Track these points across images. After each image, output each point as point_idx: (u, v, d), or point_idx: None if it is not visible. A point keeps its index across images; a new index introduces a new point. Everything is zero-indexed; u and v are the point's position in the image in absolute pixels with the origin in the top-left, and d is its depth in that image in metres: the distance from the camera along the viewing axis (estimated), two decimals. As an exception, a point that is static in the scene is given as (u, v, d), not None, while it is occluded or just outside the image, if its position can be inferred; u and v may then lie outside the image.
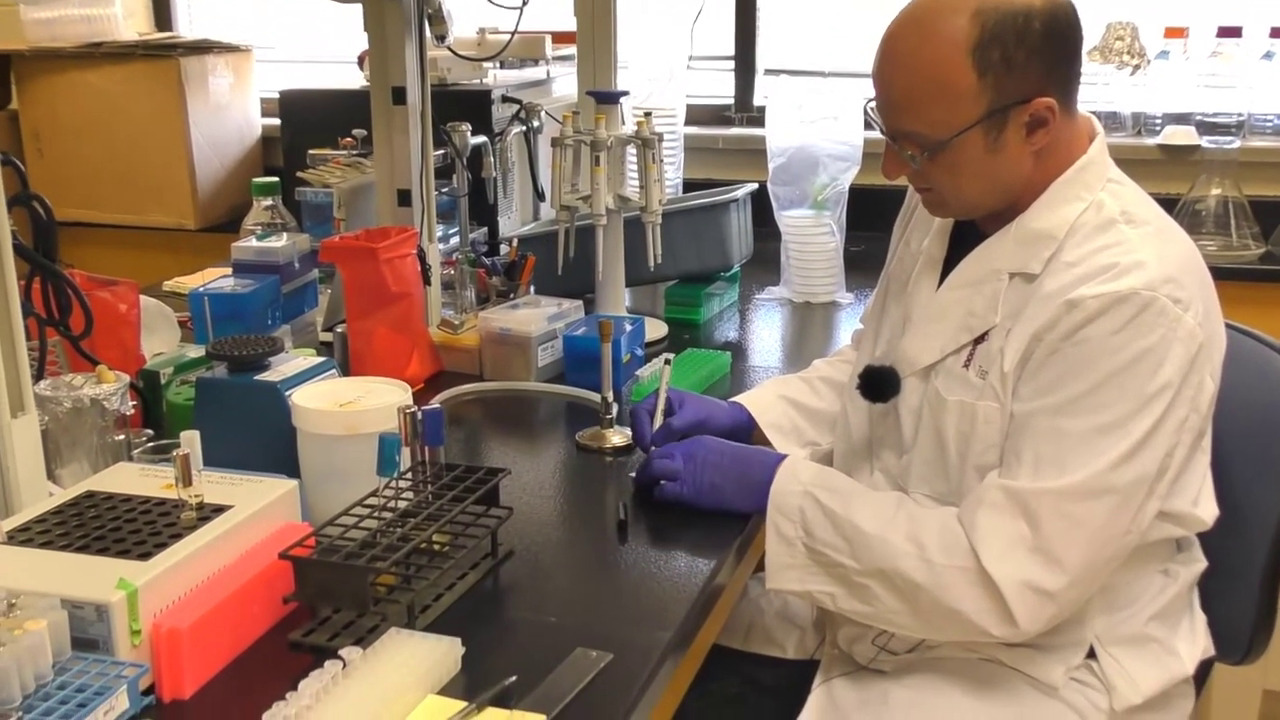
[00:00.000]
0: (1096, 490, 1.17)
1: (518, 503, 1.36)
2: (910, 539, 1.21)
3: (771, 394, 1.55)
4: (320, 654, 1.06)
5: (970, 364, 1.27)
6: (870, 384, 1.36)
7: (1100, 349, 1.17)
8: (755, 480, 1.31)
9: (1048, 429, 1.19)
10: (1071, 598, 1.20)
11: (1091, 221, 1.24)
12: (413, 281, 1.75)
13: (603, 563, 1.27)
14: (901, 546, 1.21)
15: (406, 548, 1.12)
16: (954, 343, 1.29)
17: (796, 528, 1.27)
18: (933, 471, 1.30)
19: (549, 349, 1.80)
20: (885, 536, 1.22)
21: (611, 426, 1.55)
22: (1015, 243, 1.26)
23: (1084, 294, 1.18)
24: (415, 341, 1.77)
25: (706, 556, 1.26)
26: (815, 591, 1.27)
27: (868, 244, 2.44)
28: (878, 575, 1.22)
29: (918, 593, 1.20)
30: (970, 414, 1.26)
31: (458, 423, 1.66)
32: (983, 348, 1.27)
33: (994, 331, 1.26)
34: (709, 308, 2.12)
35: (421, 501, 1.21)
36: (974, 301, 1.28)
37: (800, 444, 1.51)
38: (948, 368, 1.29)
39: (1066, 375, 1.18)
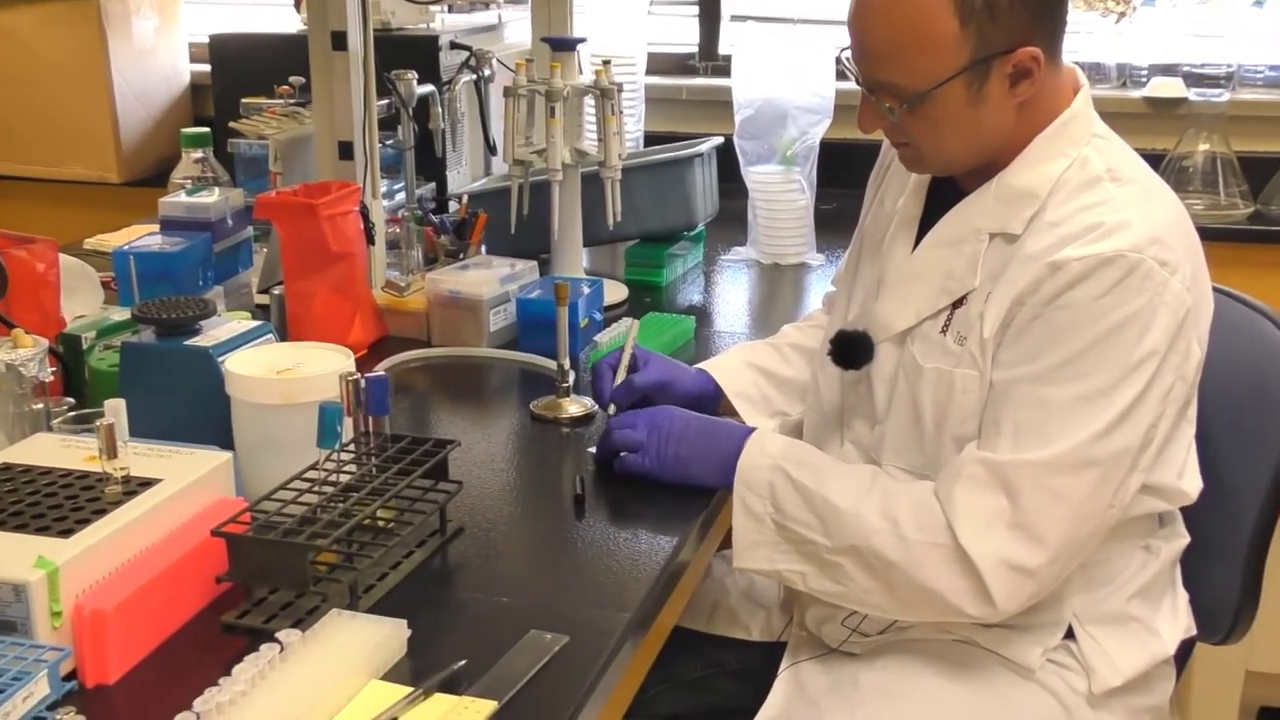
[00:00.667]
0: (1079, 463, 1.18)
1: (468, 476, 1.36)
2: (884, 515, 1.22)
3: (739, 361, 1.55)
4: (256, 637, 1.05)
5: (948, 329, 1.28)
6: (842, 350, 1.36)
7: (1084, 314, 1.18)
8: (722, 453, 1.31)
9: (1028, 398, 1.20)
10: (1051, 575, 1.21)
11: (1075, 179, 1.24)
12: (355, 240, 1.74)
13: (558, 540, 1.27)
14: (875, 523, 1.22)
15: (349, 524, 1.11)
16: (931, 306, 1.29)
17: (765, 503, 1.27)
18: (907, 443, 1.31)
19: (501, 313, 1.80)
20: (859, 512, 1.23)
21: (568, 395, 1.55)
22: (996, 201, 1.27)
23: (1068, 256, 1.18)
24: (358, 305, 1.76)
25: (668, 533, 1.27)
26: (785, 571, 1.28)
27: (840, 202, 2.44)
28: (850, 553, 1.23)
29: (891, 571, 1.21)
30: (948, 382, 1.27)
31: (404, 391, 1.66)
32: (961, 312, 1.27)
33: (973, 295, 1.26)
34: (672, 269, 2.12)
35: (365, 475, 1.20)
36: (952, 263, 1.28)
37: (769, 414, 1.52)
38: (924, 333, 1.30)
39: (1049, 341, 1.19)
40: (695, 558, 1.31)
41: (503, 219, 1.91)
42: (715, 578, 1.59)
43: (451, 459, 1.28)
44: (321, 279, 1.71)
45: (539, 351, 1.72)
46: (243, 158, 2.21)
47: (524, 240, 1.98)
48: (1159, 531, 1.37)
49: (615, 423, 1.38)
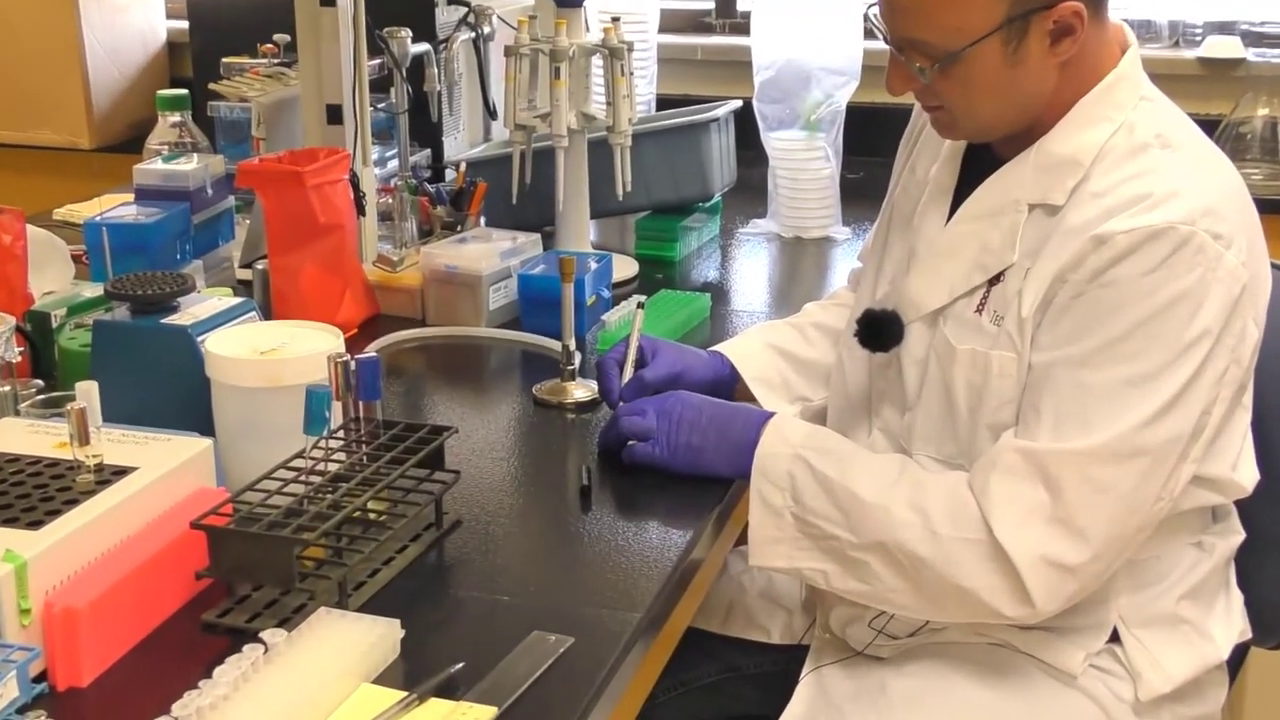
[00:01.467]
0: (1124, 452, 1.18)
1: (466, 466, 1.36)
2: (913, 508, 1.22)
3: (757, 343, 1.55)
4: (238, 637, 1.06)
5: (984, 308, 1.27)
6: (870, 330, 1.36)
7: (1131, 291, 1.17)
8: (738, 441, 1.31)
9: (1070, 382, 1.20)
10: (1094, 573, 1.21)
11: (1122, 145, 1.24)
12: (344, 212, 1.74)
13: (563, 534, 1.27)
14: (903, 516, 1.22)
15: (337, 517, 1.12)
16: (965, 284, 1.29)
17: (785, 495, 1.27)
18: (939, 430, 1.31)
19: (502, 290, 1.80)
20: (886, 505, 1.23)
21: (573, 379, 1.55)
22: (1036, 170, 1.26)
23: (1113, 229, 1.18)
24: (347, 281, 1.76)
25: (681, 528, 1.27)
26: (806, 569, 1.28)
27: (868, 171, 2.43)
28: (877, 549, 1.23)
29: (921, 569, 1.21)
30: (983, 365, 1.26)
31: (397, 374, 1.66)
32: (998, 290, 1.27)
33: (1011, 271, 1.26)
34: (686, 243, 2.12)
35: (355, 464, 1.20)
36: (989, 236, 1.28)
37: (790, 399, 1.51)
38: (958, 312, 1.30)
39: (1092, 321, 1.19)
40: (710, 554, 1.31)
41: (503, 189, 1.91)
42: (731, 575, 1.59)
43: (448, 447, 1.28)
44: (308, 253, 1.71)
45: (542, 332, 1.72)
46: (223, 122, 2.20)
47: (526, 212, 1.98)
48: (1212, 527, 1.37)
49: (623, 409, 1.38)
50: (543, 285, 1.74)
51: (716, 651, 1.54)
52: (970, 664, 1.33)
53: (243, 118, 2.16)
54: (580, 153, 1.91)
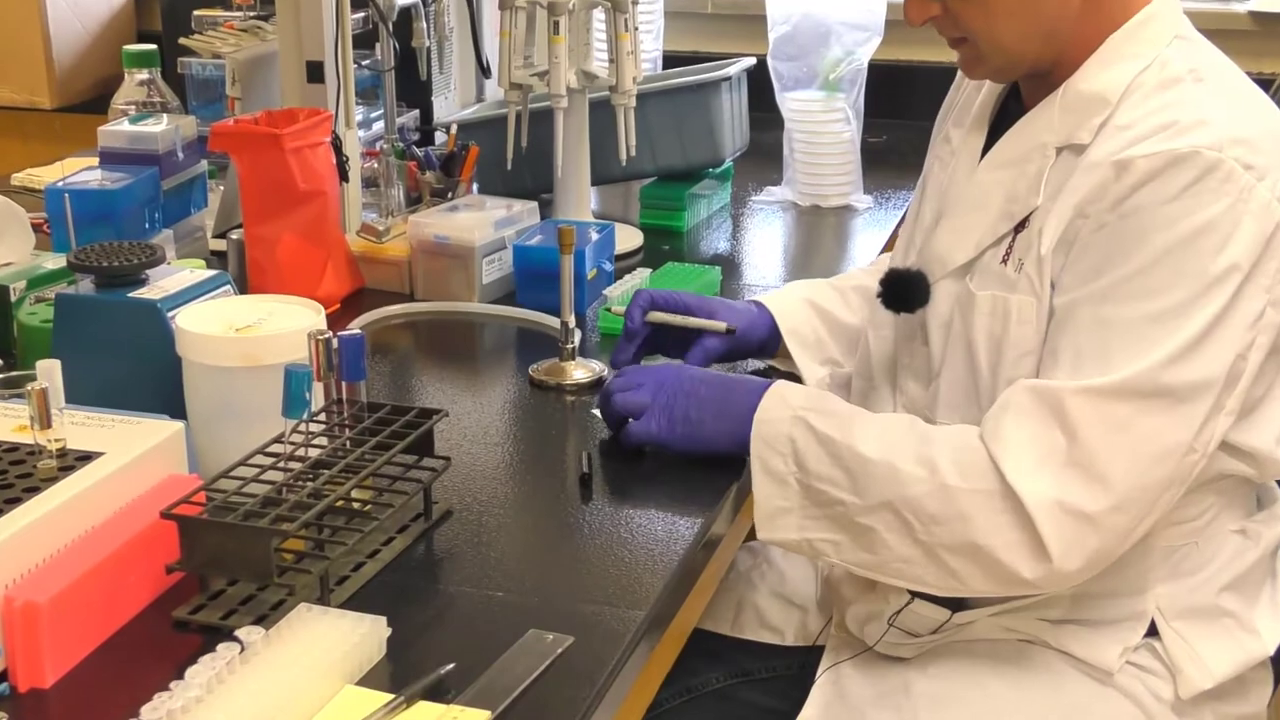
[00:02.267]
0: (1146, 390, 1.17)
1: (457, 452, 1.37)
2: (920, 461, 1.22)
3: (796, 296, 1.57)
4: (212, 635, 1.06)
5: (1009, 257, 1.29)
6: (893, 290, 1.37)
7: (1152, 220, 1.17)
8: (738, 409, 1.32)
9: (1090, 319, 1.20)
10: (1118, 528, 1.19)
11: (1152, 80, 1.25)
12: (326, 177, 1.74)
13: (561, 526, 1.27)
14: (910, 471, 1.21)
15: (319, 506, 1.12)
16: (992, 234, 1.30)
17: (787, 461, 1.27)
18: (963, 395, 1.32)
19: (496, 262, 1.80)
20: (891, 461, 1.22)
21: (573, 358, 1.55)
22: (1063, 110, 1.28)
23: (1134, 154, 1.19)
24: (329, 252, 1.76)
25: (689, 520, 1.27)
26: (815, 540, 1.27)
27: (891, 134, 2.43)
28: (883, 510, 1.22)
29: (932, 529, 1.21)
30: (1002, 311, 1.27)
31: (383, 352, 1.66)
32: (1022, 236, 1.28)
33: (1034, 215, 1.27)
34: (694, 212, 2.12)
35: (338, 449, 1.21)
36: (1015, 184, 1.29)
37: (821, 360, 1.53)
38: (984, 265, 1.30)
39: (1113, 254, 1.19)
40: (720, 549, 1.31)
41: (498, 153, 1.90)
42: (742, 572, 1.60)
43: (438, 432, 1.29)
44: (287, 222, 1.71)
45: (539, 307, 1.72)
46: (195, 80, 2.20)
47: (522, 178, 1.97)
48: (1257, 514, 1.37)
49: (618, 384, 1.38)
50: (540, 257, 1.74)
51: (725, 655, 1.54)
52: (999, 662, 1.33)
53: (216, 75, 2.16)
54: (581, 114, 1.91)
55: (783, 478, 1.28)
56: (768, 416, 1.30)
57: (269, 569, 1.08)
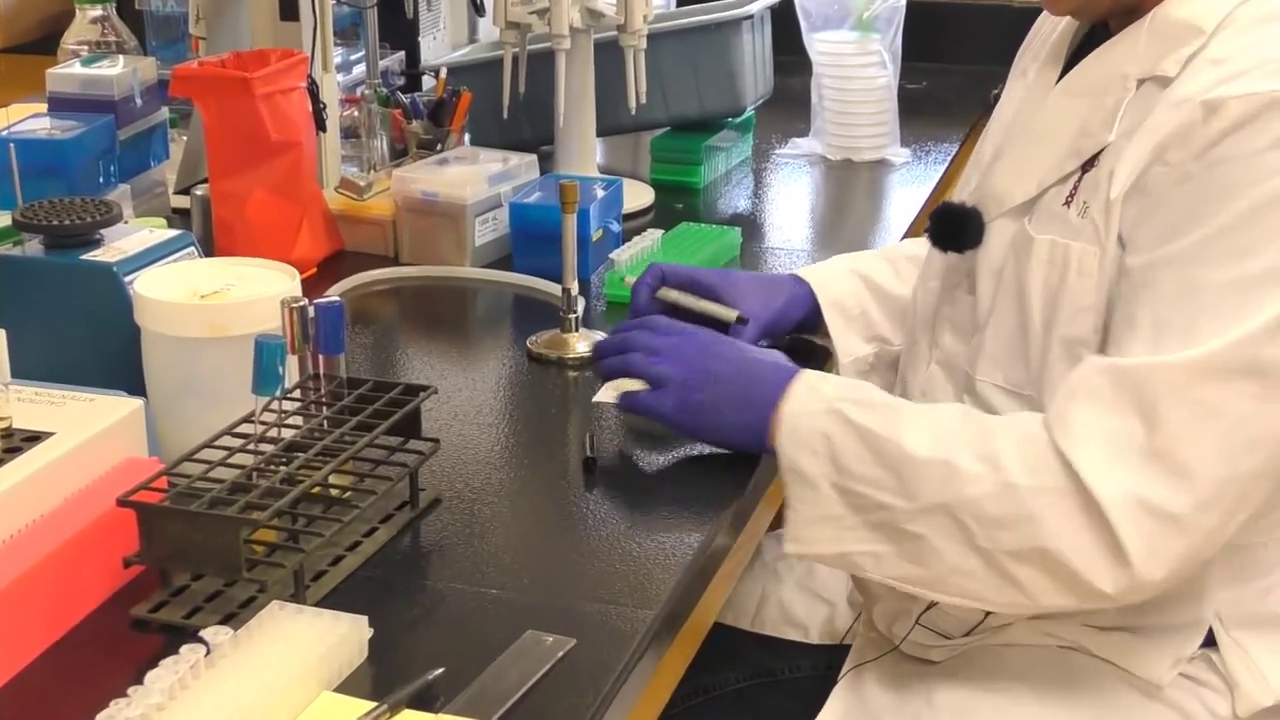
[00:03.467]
0: (1236, 366, 1.15)
1: (446, 433, 1.37)
2: (981, 457, 1.20)
3: (841, 267, 1.57)
4: (175, 636, 1.06)
5: (1073, 199, 1.27)
6: (945, 226, 1.36)
7: (1245, 171, 1.16)
8: (762, 400, 1.30)
9: (1172, 284, 1.18)
10: (1205, 530, 1.17)
11: (1253, 14, 1.23)
12: (300, 127, 1.74)
13: (562, 516, 1.28)
14: (970, 469, 1.19)
15: (293, 493, 1.12)
16: (1057, 171, 1.29)
17: (821, 461, 1.25)
18: (1009, 351, 1.30)
19: (490, 222, 1.79)
20: (946, 459, 1.20)
21: (576, 330, 1.55)
22: (1149, 37, 1.26)
23: (1226, 94, 1.17)
24: (304, 210, 1.76)
25: (705, 508, 1.27)
26: (854, 554, 1.26)
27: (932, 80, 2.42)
28: (937, 515, 1.20)
29: (996, 535, 1.18)
30: (1061, 258, 1.26)
31: (365, 322, 1.66)
32: (1090, 176, 1.26)
33: (1105, 153, 1.25)
34: (712, 167, 2.11)
35: (314, 430, 1.21)
36: (1087, 116, 1.27)
37: (867, 337, 1.53)
38: (1045, 205, 1.29)
39: (1199, 210, 1.17)
40: (742, 538, 1.31)
41: (492, 100, 1.90)
42: (765, 563, 1.60)
43: (426, 410, 1.29)
44: (258, 176, 1.71)
45: (538, 273, 1.72)
46: (155, 18, 2.19)
47: (520, 128, 1.97)
48: None
49: (641, 340, 1.37)
50: (539, 216, 1.73)
51: (746, 653, 1.54)
52: (1035, 671, 1.32)
53: (178, 12, 2.15)
54: (585, 57, 1.90)
55: (814, 481, 1.25)
56: (798, 410, 1.27)
57: (237, 562, 1.08)
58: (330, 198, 1.84)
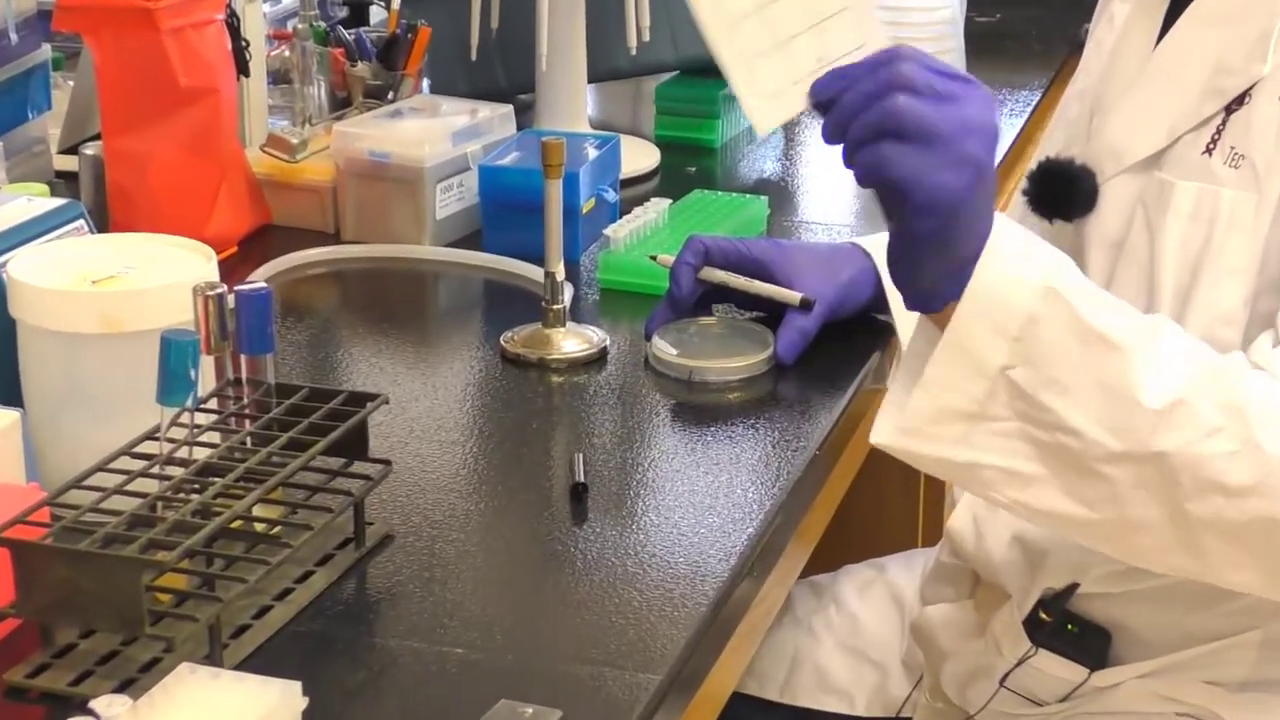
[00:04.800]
0: None
1: (400, 453, 1.37)
2: (1229, 408, 1.15)
3: None
4: (59, 706, 1.06)
5: (1215, 146, 1.28)
6: (1047, 189, 1.36)
7: None
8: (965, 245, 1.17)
9: None
10: None
11: None
12: (218, 70, 1.74)
13: (545, 556, 1.28)
14: (1214, 421, 1.15)
15: (208, 528, 1.12)
16: (1193, 115, 1.29)
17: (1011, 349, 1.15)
18: None
19: (454, 189, 1.80)
20: (1190, 400, 1.15)
21: (561, 323, 1.55)
22: None
23: None
24: (222, 174, 1.76)
25: (722, 549, 1.27)
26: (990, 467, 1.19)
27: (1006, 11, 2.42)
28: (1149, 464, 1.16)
29: (1214, 500, 1.15)
30: (1209, 210, 1.26)
31: (298, 314, 1.66)
32: (1239, 117, 1.27)
33: (1260, 88, 1.26)
34: (731, 120, 2.12)
35: (235, 449, 1.21)
36: (1228, 47, 1.28)
37: None
38: (1179, 155, 1.30)
39: None
40: (767, 586, 1.31)
41: (458, 37, 1.90)
42: (798, 617, 1.61)
43: (375, 424, 1.29)
44: (164, 132, 1.71)
45: (515, 253, 1.72)
46: (36, -66, 2.20)
47: (492, 72, 1.97)
48: None
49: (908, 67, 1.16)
50: (516, 182, 1.73)
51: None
52: None
53: (65, -73, 2.15)
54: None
55: (990, 370, 1.16)
56: (1002, 270, 1.15)
57: (138, 614, 1.08)
58: (255, 159, 1.84)
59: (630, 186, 1.91)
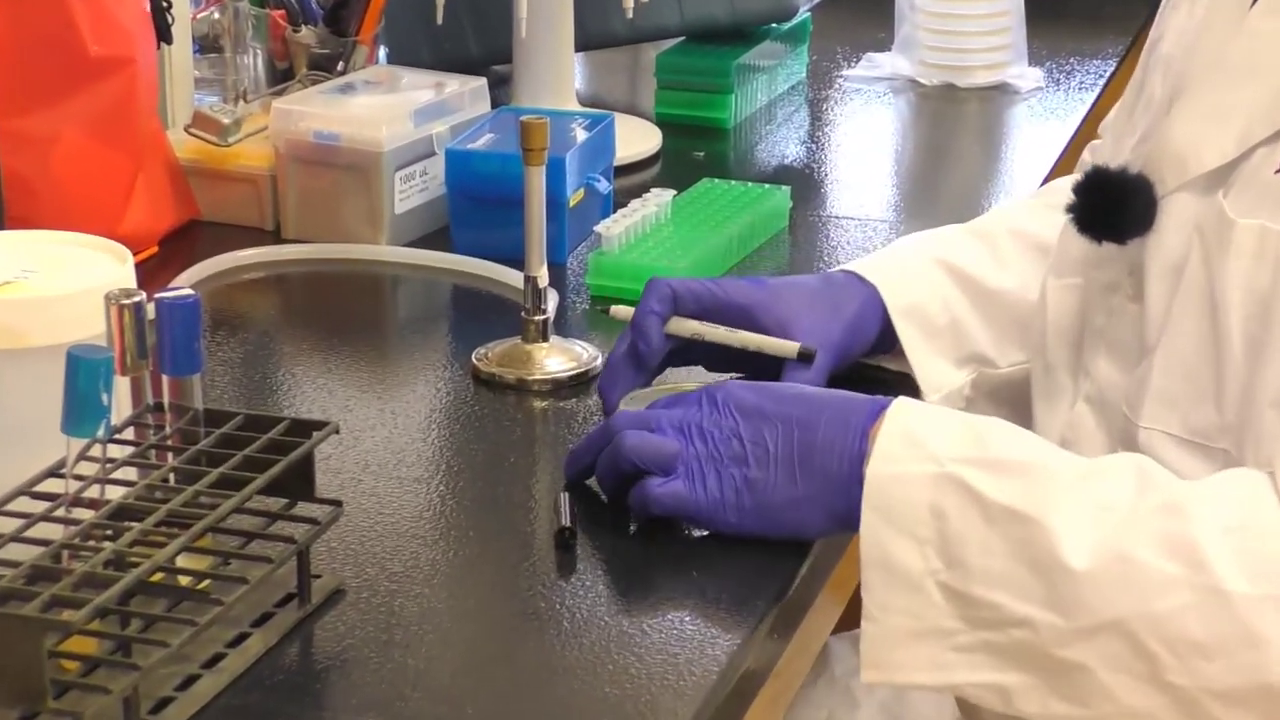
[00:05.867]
0: None
1: (353, 491, 1.37)
2: (1172, 548, 1.20)
3: (920, 256, 1.58)
4: (-53, 796, 1.06)
5: None
6: (1097, 202, 1.37)
7: None
8: (836, 455, 1.31)
9: None
10: None
11: None
12: (134, 37, 1.74)
13: (525, 614, 1.28)
14: (1159, 569, 1.20)
15: (124, 582, 1.12)
16: (1268, 123, 1.29)
17: (926, 551, 1.26)
18: (1190, 385, 1.31)
19: (417, 178, 1.80)
20: (1123, 552, 1.21)
21: (544, 337, 1.56)
22: None
23: None
24: (140, 161, 1.76)
25: (735, 604, 1.27)
26: (970, 685, 1.27)
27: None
28: (1108, 635, 1.21)
29: (1197, 666, 1.19)
30: (1275, 252, 1.26)
31: (232, 327, 1.67)
32: None
33: None
34: (747, 95, 2.12)
35: (155, 488, 1.21)
36: None
37: (958, 359, 1.54)
38: (1251, 173, 1.30)
39: None
40: (792, 647, 1.32)
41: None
42: (834, 678, 1.62)
43: (324, 458, 1.29)
44: (70, 110, 1.72)
45: (489, 253, 1.73)
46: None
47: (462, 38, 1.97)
48: None
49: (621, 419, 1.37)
50: (490, 170, 1.74)
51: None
52: None
53: None
54: (558, -68, 1.91)
55: (915, 581, 1.25)
56: (892, 471, 1.27)
57: (39, 684, 1.08)
58: (179, 142, 1.84)
59: (626, 174, 1.92)
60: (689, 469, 1.33)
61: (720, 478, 1.33)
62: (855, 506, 1.28)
